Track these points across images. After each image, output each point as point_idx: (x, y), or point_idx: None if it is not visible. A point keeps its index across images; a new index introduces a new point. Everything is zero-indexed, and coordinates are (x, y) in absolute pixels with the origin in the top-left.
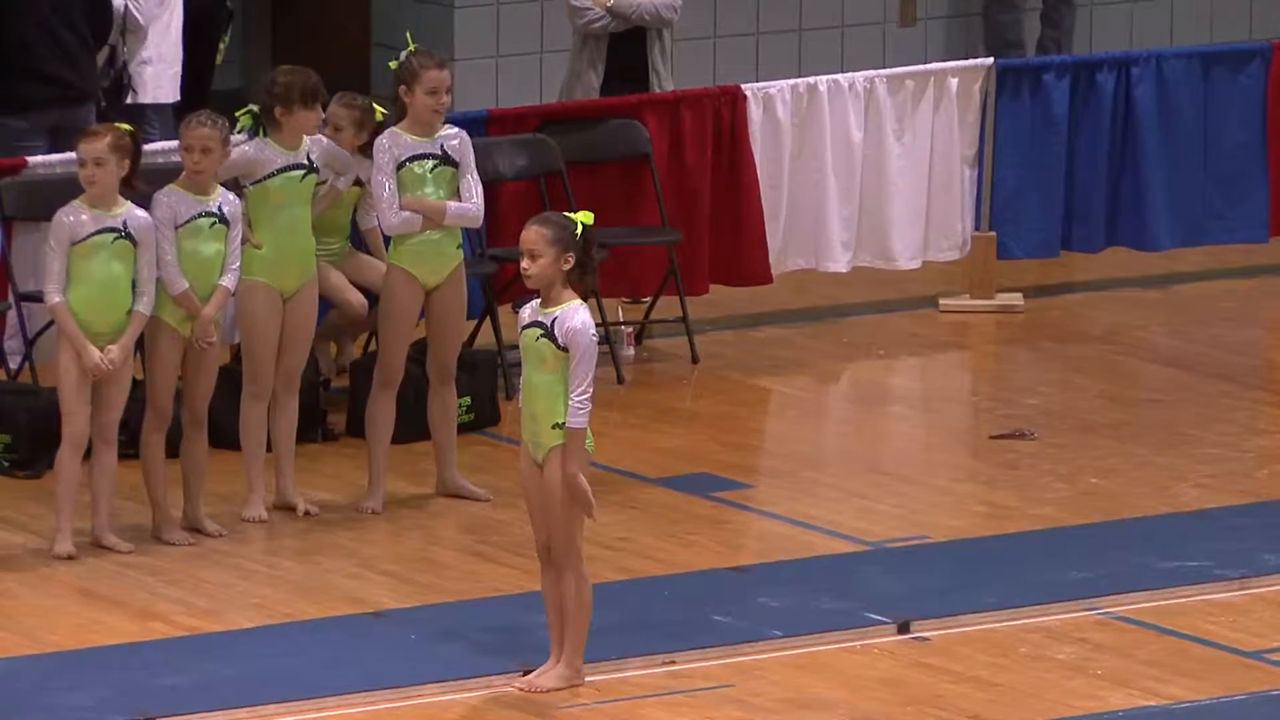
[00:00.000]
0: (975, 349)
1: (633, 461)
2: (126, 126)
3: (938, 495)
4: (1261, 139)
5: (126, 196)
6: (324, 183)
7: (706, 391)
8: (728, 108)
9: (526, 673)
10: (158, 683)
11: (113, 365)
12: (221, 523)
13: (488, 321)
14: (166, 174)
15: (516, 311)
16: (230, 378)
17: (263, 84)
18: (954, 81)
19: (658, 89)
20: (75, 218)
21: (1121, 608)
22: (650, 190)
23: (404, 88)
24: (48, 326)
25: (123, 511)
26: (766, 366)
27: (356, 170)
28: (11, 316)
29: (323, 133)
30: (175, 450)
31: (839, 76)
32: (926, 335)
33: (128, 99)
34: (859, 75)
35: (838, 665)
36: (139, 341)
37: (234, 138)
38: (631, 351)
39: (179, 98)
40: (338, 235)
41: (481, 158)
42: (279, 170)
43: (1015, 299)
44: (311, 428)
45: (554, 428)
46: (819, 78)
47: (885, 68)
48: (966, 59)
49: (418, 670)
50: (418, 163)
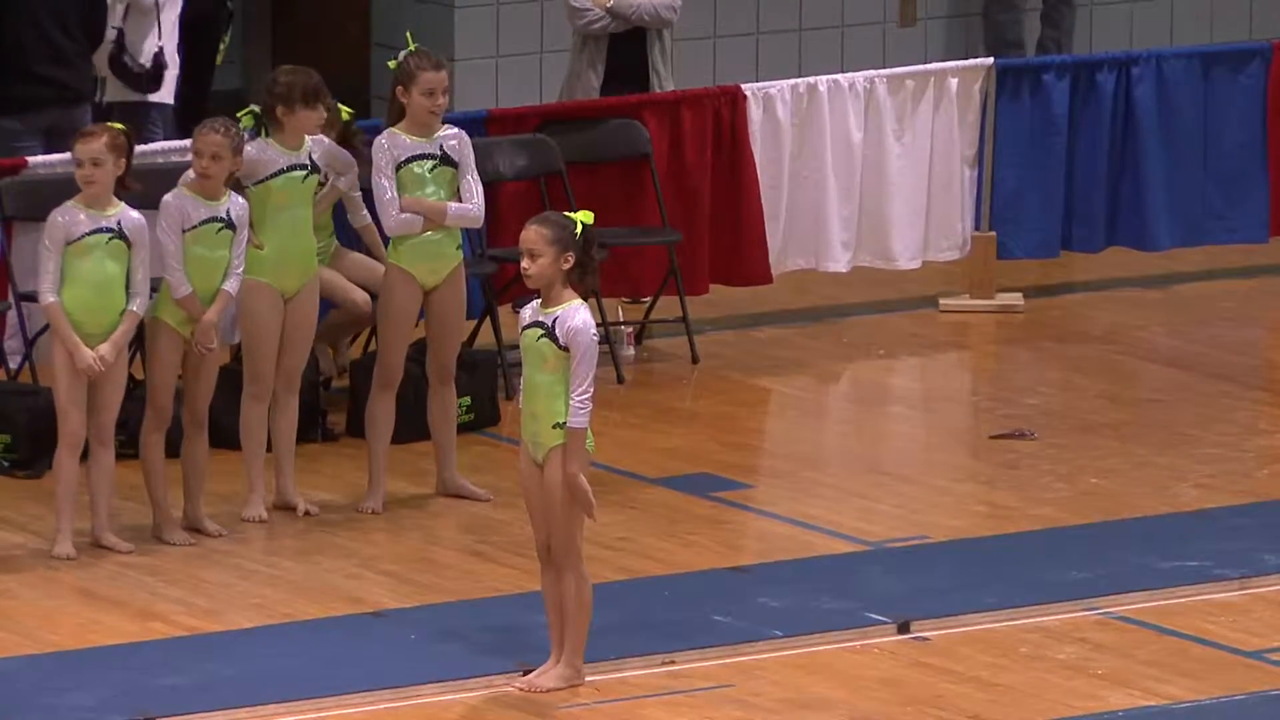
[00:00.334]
0: (975, 349)
1: (633, 461)
2: (120, 126)
3: (938, 495)
4: (1261, 139)
5: (120, 196)
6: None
7: (706, 391)
8: (728, 108)
9: (526, 673)
10: (158, 683)
11: (105, 365)
12: (221, 523)
13: (488, 321)
14: (166, 174)
15: (517, 312)
16: (231, 378)
17: (264, 84)
18: (954, 81)
19: (658, 89)
20: (70, 218)
21: (1121, 608)
22: (650, 190)
23: (401, 89)
24: (48, 326)
25: (123, 511)
26: (766, 366)
27: (356, 170)
28: (11, 316)
29: None
30: (175, 450)
31: (839, 76)
32: (926, 335)
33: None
34: (859, 75)
35: (838, 665)
36: (140, 341)
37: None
38: (631, 351)
39: (174, 102)
40: (321, 234)
41: (481, 158)
42: (281, 171)
43: (1015, 299)
44: (311, 428)
45: (554, 427)
46: (819, 78)
47: (885, 68)
48: (966, 59)
49: (418, 670)
50: (417, 163)
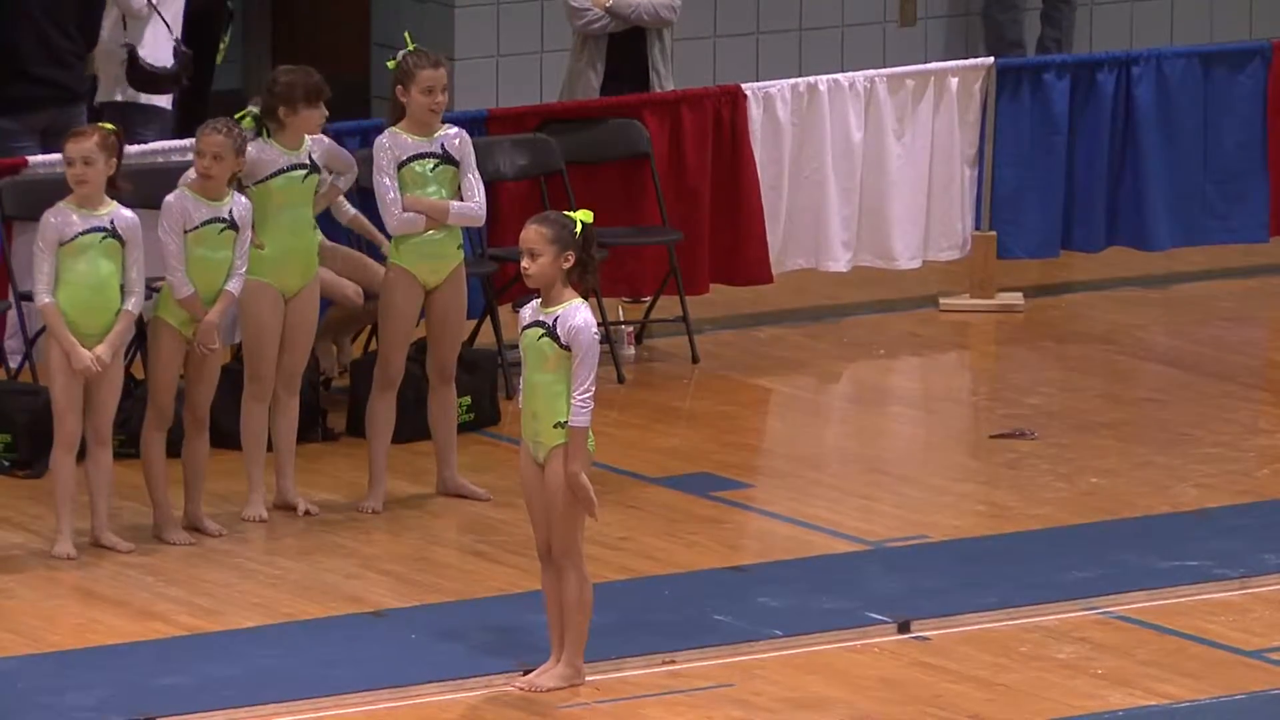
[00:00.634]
0: (975, 349)
1: (633, 461)
2: (110, 125)
3: (938, 495)
4: (1261, 139)
5: (112, 196)
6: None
7: (706, 391)
8: (728, 107)
9: (526, 672)
10: (158, 683)
11: (102, 366)
12: (222, 523)
13: (488, 321)
14: (166, 174)
15: (517, 311)
16: (231, 378)
17: (264, 84)
18: (954, 81)
19: (658, 88)
20: (62, 218)
21: (1121, 607)
22: (650, 190)
23: (400, 87)
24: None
25: (123, 511)
26: (766, 366)
27: (356, 171)
28: (11, 316)
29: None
30: (176, 450)
31: (839, 76)
32: (926, 335)
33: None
34: (859, 75)
35: (838, 665)
36: (140, 341)
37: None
38: (632, 351)
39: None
40: None
41: (482, 157)
42: (281, 170)
43: (1015, 299)
44: (312, 428)
45: (555, 427)
46: (819, 77)
47: (885, 67)
48: (966, 59)
49: (418, 670)
50: (419, 162)
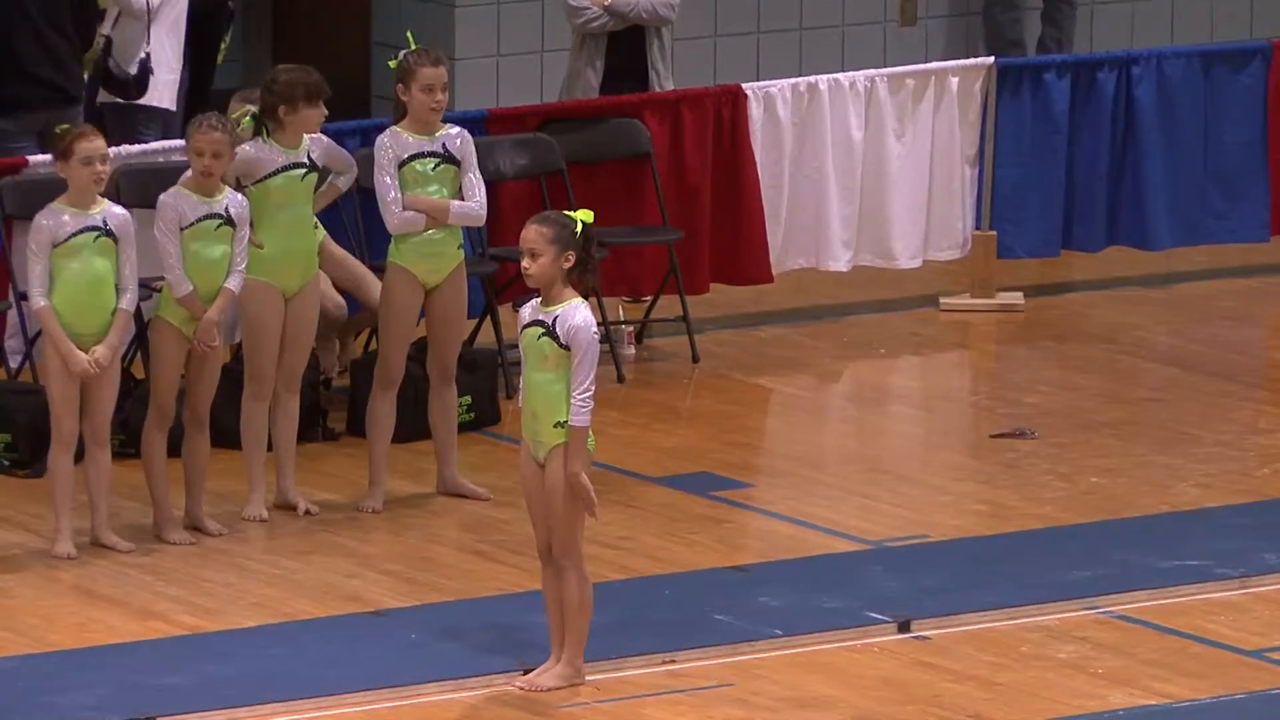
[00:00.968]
0: (975, 348)
1: (633, 461)
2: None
3: (938, 494)
4: (1261, 139)
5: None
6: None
7: (706, 391)
8: (728, 107)
9: (526, 672)
10: (158, 683)
11: (101, 368)
12: (222, 522)
13: (488, 321)
14: (165, 174)
15: (517, 311)
16: (231, 377)
17: (263, 84)
18: (954, 81)
19: (657, 88)
20: (55, 220)
21: (1122, 607)
22: (650, 189)
23: (401, 86)
24: None
25: (123, 511)
26: (766, 366)
27: (355, 170)
28: (11, 316)
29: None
30: (176, 449)
31: (839, 76)
32: (927, 334)
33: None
34: (859, 75)
35: (838, 664)
36: (140, 341)
37: (244, 146)
38: (632, 350)
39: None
40: None
41: (482, 157)
42: (280, 169)
43: (1016, 298)
44: (312, 427)
45: (555, 426)
46: (819, 77)
47: (885, 67)
48: (967, 58)
49: (418, 670)
50: (419, 161)
